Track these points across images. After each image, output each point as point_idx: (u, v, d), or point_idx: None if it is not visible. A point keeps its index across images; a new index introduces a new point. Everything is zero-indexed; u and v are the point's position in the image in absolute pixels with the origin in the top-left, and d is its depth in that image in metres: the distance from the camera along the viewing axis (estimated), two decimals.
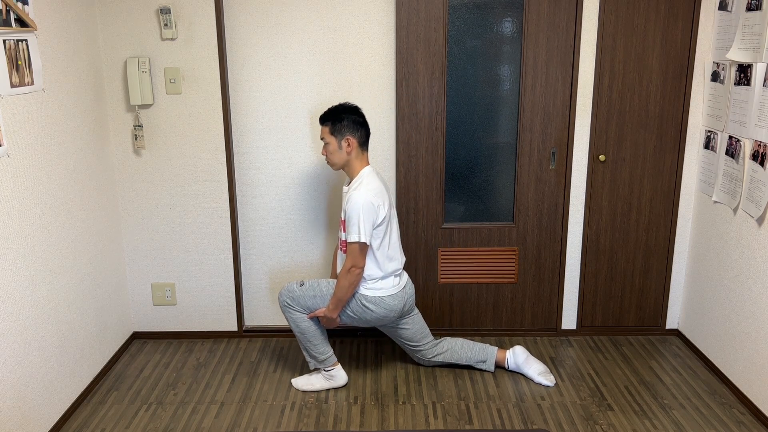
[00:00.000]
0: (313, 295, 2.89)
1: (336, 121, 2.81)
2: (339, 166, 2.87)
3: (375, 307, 2.87)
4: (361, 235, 2.73)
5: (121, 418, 2.81)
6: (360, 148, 2.84)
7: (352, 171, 2.86)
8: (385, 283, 2.88)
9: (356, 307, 2.88)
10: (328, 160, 2.87)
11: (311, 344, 2.95)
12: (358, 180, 2.82)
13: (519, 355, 3.10)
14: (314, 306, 2.90)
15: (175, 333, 3.53)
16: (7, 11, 2.37)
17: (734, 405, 2.87)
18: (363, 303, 2.87)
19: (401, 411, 2.85)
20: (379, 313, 2.88)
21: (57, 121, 2.74)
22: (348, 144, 2.81)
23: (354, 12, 3.16)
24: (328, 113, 2.84)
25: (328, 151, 2.84)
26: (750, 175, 2.79)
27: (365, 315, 2.89)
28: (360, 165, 2.85)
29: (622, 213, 3.36)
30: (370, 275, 2.85)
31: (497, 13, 3.17)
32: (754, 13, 2.74)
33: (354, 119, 2.82)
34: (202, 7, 3.11)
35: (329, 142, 2.83)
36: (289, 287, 2.93)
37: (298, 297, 2.90)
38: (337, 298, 2.83)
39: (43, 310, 2.62)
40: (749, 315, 2.84)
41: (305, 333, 2.93)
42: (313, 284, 2.92)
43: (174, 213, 3.36)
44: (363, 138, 2.85)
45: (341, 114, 2.82)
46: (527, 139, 3.28)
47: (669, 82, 3.21)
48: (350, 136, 2.80)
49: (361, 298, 2.87)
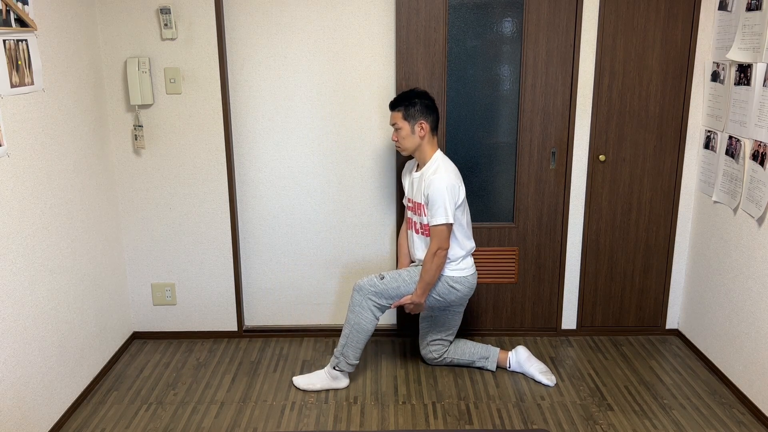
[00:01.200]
0: (396, 285, 2.90)
1: (409, 105, 2.83)
2: (411, 151, 2.90)
3: (461, 286, 2.91)
4: (448, 216, 2.77)
5: (121, 418, 2.81)
6: (431, 133, 2.88)
7: (425, 155, 2.89)
8: (467, 263, 2.94)
9: (443, 289, 2.91)
10: (400, 145, 2.89)
11: (357, 345, 2.94)
12: (434, 164, 2.85)
13: (521, 354, 3.11)
14: (399, 295, 2.91)
15: (175, 333, 3.53)
16: (7, 11, 2.38)
17: (734, 405, 2.87)
18: (449, 284, 2.90)
19: (401, 411, 2.85)
20: (463, 292, 2.93)
21: (57, 121, 2.74)
22: (421, 128, 2.83)
23: (354, 12, 3.16)
24: (401, 98, 2.87)
25: (400, 136, 2.87)
26: (750, 175, 2.79)
27: (450, 296, 2.93)
28: (432, 149, 2.89)
29: (622, 213, 3.36)
30: (454, 255, 2.90)
31: (497, 13, 3.17)
32: (754, 13, 2.74)
33: (426, 104, 2.85)
34: (202, 7, 3.11)
35: (401, 127, 2.85)
36: (371, 282, 2.91)
37: (383, 290, 2.90)
38: (425, 282, 2.85)
39: (43, 310, 2.62)
40: (749, 315, 2.84)
41: (362, 333, 2.92)
42: (394, 275, 2.93)
43: (174, 213, 3.36)
44: (434, 122, 2.89)
45: (413, 98, 2.84)
46: (527, 139, 3.28)
47: (669, 82, 3.21)
48: (423, 120, 2.83)
49: (448, 279, 2.90)
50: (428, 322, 3.11)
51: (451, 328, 3.10)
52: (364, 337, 2.93)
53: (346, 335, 2.94)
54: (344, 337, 2.95)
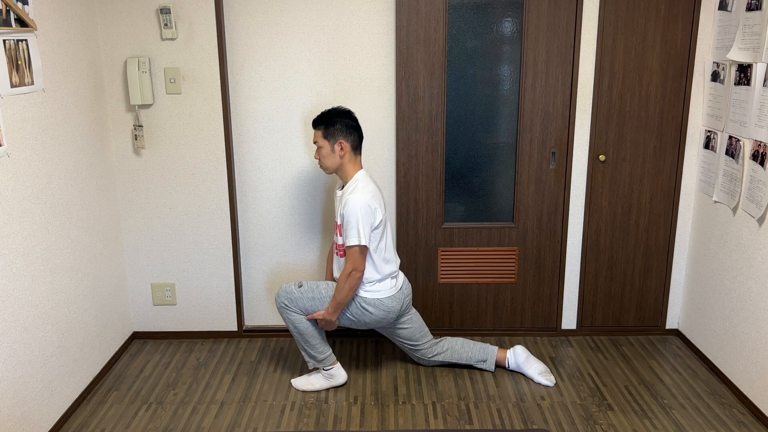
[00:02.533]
0: (311, 297, 2.89)
1: (329, 125, 2.81)
2: (332, 170, 2.87)
3: (374, 309, 2.87)
4: (361, 238, 2.73)
5: (121, 418, 2.81)
6: (353, 152, 2.84)
7: (346, 175, 2.86)
8: (383, 285, 2.89)
9: (355, 310, 2.88)
10: (321, 164, 2.87)
11: (309, 345, 2.95)
12: (353, 184, 2.82)
13: (519, 355, 3.10)
14: (312, 308, 2.89)
15: (175, 333, 3.53)
16: (7, 11, 2.38)
17: (734, 405, 2.87)
18: (362, 305, 2.87)
19: (401, 411, 2.85)
20: (377, 315, 2.88)
21: (57, 121, 2.74)
22: (341, 148, 2.81)
23: (354, 12, 3.16)
24: (321, 117, 2.85)
25: (321, 155, 2.85)
26: (750, 175, 2.79)
27: (364, 317, 2.89)
28: (354, 169, 2.85)
29: (622, 213, 3.36)
30: (368, 278, 2.85)
31: (497, 13, 3.17)
32: (754, 13, 2.74)
33: (347, 123, 2.82)
34: (202, 7, 3.11)
35: (322, 146, 2.83)
36: (287, 288, 2.92)
37: (297, 299, 2.89)
38: (336, 301, 2.83)
39: (43, 310, 2.62)
40: (749, 315, 2.84)
41: (303, 334, 2.92)
42: (312, 286, 2.92)
43: (174, 213, 3.36)
44: (356, 142, 2.85)
45: (334, 118, 2.82)
46: (527, 139, 3.28)
47: (669, 82, 3.21)
48: (343, 139, 2.80)
49: (360, 300, 2.87)
50: (391, 338, 3.09)
51: (415, 337, 3.06)
52: (311, 334, 2.92)
53: (297, 341, 2.97)
54: (297, 343, 2.99)
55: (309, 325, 2.92)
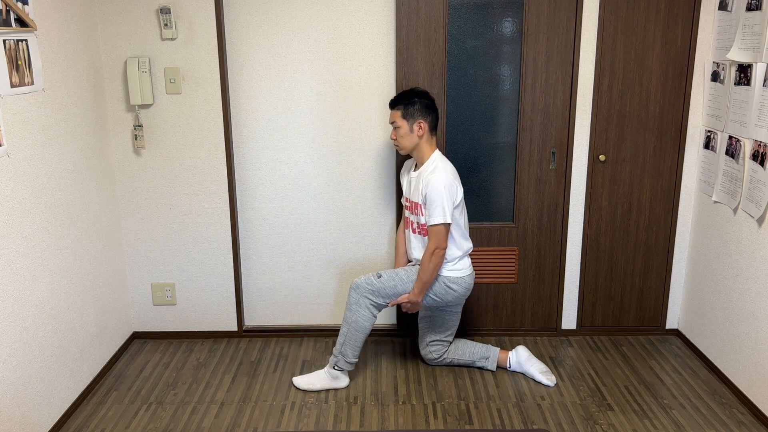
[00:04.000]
0: (393, 284, 2.90)
1: (408, 104, 2.84)
2: (408, 150, 2.90)
3: (458, 287, 2.91)
4: (446, 216, 2.77)
5: (121, 418, 2.81)
6: (430, 133, 2.87)
7: (423, 155, 2.89)
8: (464, 263, 2.94)
9: (440, 289, 2.91)
10: (398, 144, 2.90)
11: (355, 344, 2.93)
12: (432, 164, 2.85)
13: (521, 354, 3.11)
14: (395, 294, 2.91)
15: (175, 333, 3.53)
16: (7, 11, 2.38)
17: (734, 405, 2.87)
18: (447, 284, 2.90)
19: (401, 411, 2.85)
20: (460, 292, 2.93)
21: (57, 121, 2.74)
22: (420, 128, 2.83)
23: (354, 12, 3.16)
24: (400, 97, 2.87)
25: (399, 135, 2.87)
26: (750, 175, 2.79)
27: (447, 296, 2.93)
28: (430, 149, 2.89)
29: (622, 213, 3.36)
30: (451, 255, 2.89)
31: (497, 13, 3.17)
32: (754, 13, 2.74)
33: (426, 103, 2.85)
34: (202, 7, 3.11)
35: (400, 126, 2.85)
36: (368, 281, 2.91)
37: (380, 289, 2.89)
38: (422, 281, 2.85)
39: (43, 310, 2.62)
40: (749, 315, 2.84)
41: (360, 331, 2.92)
42: (391, 274, 2.93)
43: (174, 213, 3.36)
44: (434, 122, 2.88)
45: (413, 98, 2.85)
46: (527, 139, 3.28)
47: (669, 82, 3.21)
48: (422, 119, 2.83)
49: (445, 279, 2.90)
50: (426, 323, 3.11)
51: (450, 329, 3.10)
52: (362, 336, 2.93)
53: (344, 333, 2.94)
54: (342, 336, 2.95)
55: (370, 326, 2.93)
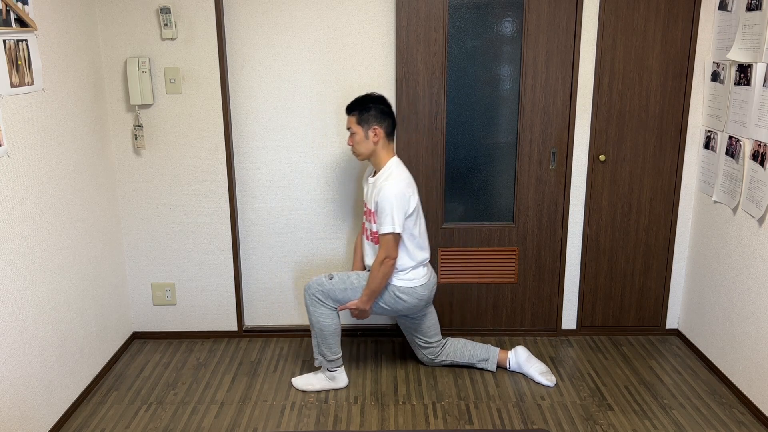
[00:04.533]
0: (343, 288, 2.88)
1: (363, 110, 2.81)
2: (365, 156, 2.87)
3: (407, 297, 2.88)
4: (395, 226, 2.74)
5: (121, 418, 2.81)
6: (386, 139, 2.84)
7: (379, 161, 2.86)
8: (416, 273, 2.90)
9: (389, 298, 2.89)
10: (354, 150, 2.87)
11: (327, 343, 2.93)
12: (387, 170, 2.82)
13: (521, 355, 3.11)
14: (345, 299, 2.89)
15: (175, 333, 3.53)
16: (7, 11, 2.38)
17: (734, 405, 2.87)
18: (396, 294, 2.87)
19: (401, 411, 2.85)
20: (410, 302, 2.90)
21: (57, 121, 2.74)
22: (375, 134, 2.81)
23: (354, 12, 3.16)
24: (355, 102, 2.84)
25: (355, 141, 2.84)
26: (750, 175, 2.79)
27: (397, 305, 2.90)
28: (387, 155, 2.86)
29: (622, 213, 3.36)
30: (402, 265, 2.86)
31: (497, 13, 3.17)
32: (754, 13, 2.74)
33: (381, 109, 2.82)
34: (202, 7, 3.11)
35: (356, 132, 2.82)
36: (319, 281, 2.90)
37: (329, 290, 2.88)
38: (370, 289, 2.83)
39: (43, 310, 2.62)
40: (749, 315, 2.84)
41: (325, 330, 2.91)
42: (343, 277, 2.91)
43: (174, 213, 3.36)
44: (390, 128, 2.85)
45: (368, 103, 2.82)
46: (527, 139, 3.28)
47: (669, 82, 3.21)
48: (377, 125, 2.80)
49: (394, 289, 2.87)
50: (408, 331, 3.11)
51: (429, 332, 3.08)
52: (332, 333, 2.91)
53: (314, 336, 2.95)
54: (314, 339, 2.96)
55: (333, 322, 2.90)
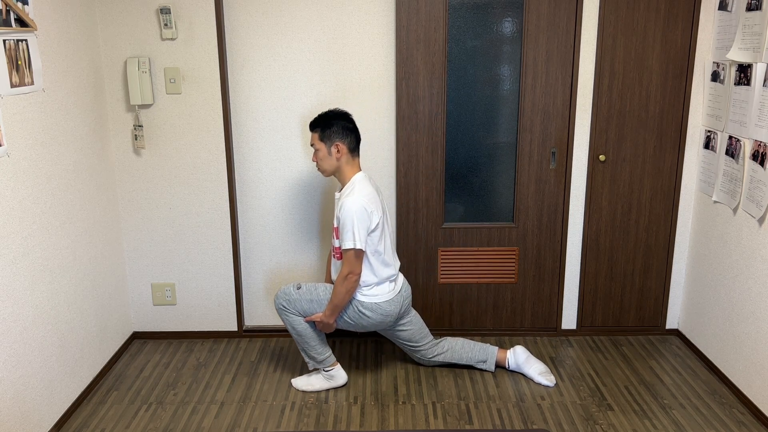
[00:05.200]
0: (309, 299, 2.88)
1: (325, 127, 2.80)
2: (329, 173, 2.86)
3: (371, 313, 2.87)
4: (356, 242, 2.72)
5: (121, 418, 2.81)
6: (350, 154, 2.83)
7: (344, 177, 2.85)
8: (381, 289, 2.88)
9: (353, 314, 2.88)
10: (319, 167, 2.87)
11: (309, 346, 2.94)
12: (350, 186, 2.81)
13: (520, 355, 3.11)
14: (310, 310, 2.89)
15: (175, 333, 3.53)
16: (7, 11, 2.38)
17: (734, 405, 2.87)
18: (359, 309, 2.86)
19: (401, 411, 2.85)
20: (375, 318, 2.88)
21: (57, 121, 2.74)
22: (338, 150, 2.80)
23: (354, 12, 3.16)
24: (318, 119, 2.84)
25: (318, 158, 2.84)
26: (750, 175, 2.79)
27: (362, 321, 2.89)
28: (351, 171, 2.84)
29: (622, 213, 3.36)
30: (366, 281, 2.85)
31: (497, 13, 3.17)
32: (754, 13, 2.74)
33: (344, 125, 2.81)
34: (202, 7, 3.11)
35: (319, 149, 2.82)
36: (286, 290, 2.92)
37: (295, 300, 2.89)
38: (333, 304, 2.82)
39: (43, 310, 2.62)
40: (749, 315, 2.84)
41: (302, 335, 2.92)
42: (311, 288, 2.91)
43: (174, 213, 3.36)
44: (353, 144, 2.84)
45: (331, 120, 2.81)
46: (527, 139, 3.28)
47: (669, 82, 3.21)
48: (339, 142, 2.79)
49: (358, 304, 2.86)
50: (392, 339, 3.10)
51: (415, 338, 3.06)
52: (310, 335, 2.92)
53: (296, 342, 2.96)
54: (297, 344, 2.98)
55: (307, 326, 2.91)
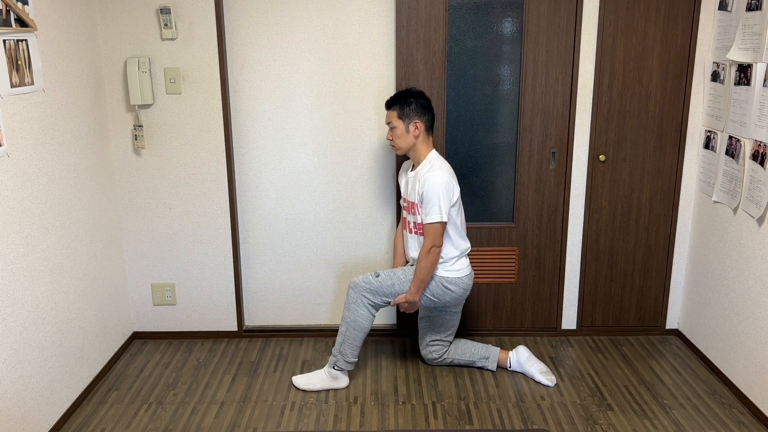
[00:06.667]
0: (391, 283, 2.90)
1: (404, 105, 2.85)
2: (405, 150, 2.91)
3: (455, 287, 2.91)
4: (443, 215, 2.78)
5: (121, 418, 2.81)
6: (426, 133, 2.88)
7: (419, 155, 2.90)
8: (461, 263, 2.94)
9: (437, 290, 2.91)
10: (394, 144, 2.91)
11: (354, 343, 2.94)
12: (429, 163, 2.86)
13: (522, 354, 3.11)
14: (393, 293, 2.91)
15: (175, 333, 3.53)
16: (7, 11, 2.38)
17: (734, 405, 2.87)
18: (444, 285, 2.90)
19: (401, 411, 2.85)
20: (458, 293, 2.93)
21: (57, 121, 2.74)
22: (416, 128, 2.84)
23: (354, 12, 3.16)
24: (396, 97, 2.89)
25: (395, 135, 2.88)
26: (750, 175, 2.79)
27: (445, 296, 2.92)
28: (427, 149, 2.90)
29: (622, 213, 3.36)
30: (447, 254, 2.89)
31: (497, 13, 3.17)
32: (754, 13, 2.74)
33: (422, 103, 2.86)
34: (202, 7, 3.11)
35: (396, 126, 2.86)
36: (366, 279, 2.92)
37: (377, 288, 2.90)
38: (419, 279, 2.85)
39: (43, 310, 2.62)
40: (749, 315, 2.84)
41: (359, 330, 2.92)
42: (389, 273, 2.93)
43: (174, 213, 3.36)
44: (429, 122, 2.89)
45: (409, 98, 2.86)
46: (527, 139, 3.28)
47: (669, 82, 3.21)
48: (418, 119, 2.85)
49: (442, 280, 2.90)
50: (426, 323, 3.11)
51: (450, 329, 3.10)
52: (361, 335, 2.93)
53: (343, 333, 2.95)
54: (341, 335, 2.95)
55: (368, 325, 2.93)
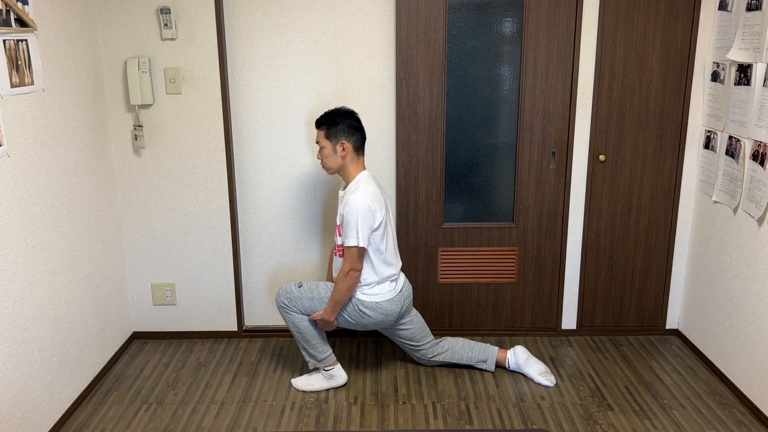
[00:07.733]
0: (310, 297, 2.89)
1: (331, 125, 2.81)
2: (334, 170, 2.87)
3: (372, 312, 2.87)
4: (359, 240, 2.73)
5: (121, 418, 2.81)
6: (355, 153, 2.83)
7: (348, 175, 2.86)
8: (381, 288, 2.88)
9: (353, 312, 2.88)
10: (323, 164, 2.87)
11: (309, 344, 2.95)
12: (355, 184, 2.82)
13: (520, 355, 3.11)
14: (312, 308, 2.90)
15: (175, 333, 3.53)
16: (7, 11, 2.38)
17: (734, 405, 2.87)
18: (360, 308, 2.86)
19: (401, 411, 2.85)
20: (376, 318, 2.88)
21: (57, 121, 2.74)
22: (343, 148, 2.80)
23: (354, 12, 3.16)
24: (324, 117, 2.84)
25: (323, 155, 2.84)
26: (750, 175, 2.79)
27: (362, 320, 2.89)
28: (356, 169, 2.85)
29: (622, 213, 3.36)
30: (366, 280, 2.85)
31: (497, 13, 3.17)
32: (754, 13, 2.74)
33: (350, 123, 2.82)
34: (202, 7, 3.11)
35: (324, 146, 2.83)
36: (287, 288, 2.92)
37: (296, 299, 2.90)
38: (334, 300, 2.82)
39: (43, 310, 2.62)
40: (749, 315, 2.84)
41: (303, 333, 2.93)
42: (312, 286, 2.92)
43: (174, 213, 3.36)
44: (358, 142, 2.84)
45: (337, 118, 2.82)
46: (527, 139, 3.28)
47: (669, 82, 3.21)
48: (345, 140, 2.80)
49: (358, 303, 2.86)
50: (397, 339, 3.09)
51: (415, 338, 3.06)
52: (311, 333, 2.92)
53: (297, 340, 2.97)
54: (297, 342, 2.99)
55: (309, 324, 2.92)
